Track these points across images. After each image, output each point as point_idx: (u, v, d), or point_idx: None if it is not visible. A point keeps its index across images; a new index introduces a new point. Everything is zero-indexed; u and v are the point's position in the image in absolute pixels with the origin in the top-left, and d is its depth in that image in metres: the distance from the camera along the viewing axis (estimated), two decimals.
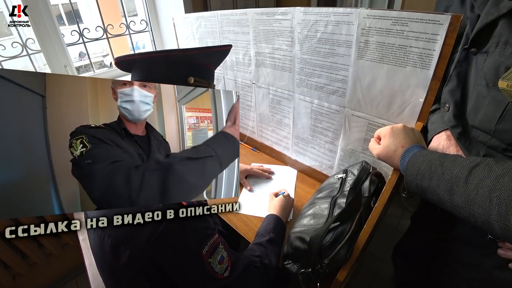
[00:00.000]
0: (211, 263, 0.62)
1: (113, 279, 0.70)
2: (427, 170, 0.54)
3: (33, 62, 1.43)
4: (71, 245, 1.55)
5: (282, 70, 1.09)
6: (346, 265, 0.69)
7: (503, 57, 0.51)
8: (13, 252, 1.34)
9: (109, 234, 0.63)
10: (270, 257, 0.79)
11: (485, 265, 0.67)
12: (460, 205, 0.47)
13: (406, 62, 0.74)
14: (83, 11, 3.40)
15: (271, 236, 0.85)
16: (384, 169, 0.93)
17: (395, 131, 0.67)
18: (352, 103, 0.92)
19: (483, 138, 0.59)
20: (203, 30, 1.36)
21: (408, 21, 0.69)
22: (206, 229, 0.64)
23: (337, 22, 0.83)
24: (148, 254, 0.59)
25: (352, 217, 0.74)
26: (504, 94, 0.51)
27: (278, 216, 0.93)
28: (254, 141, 1.46)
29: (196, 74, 0.68)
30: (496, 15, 0.53)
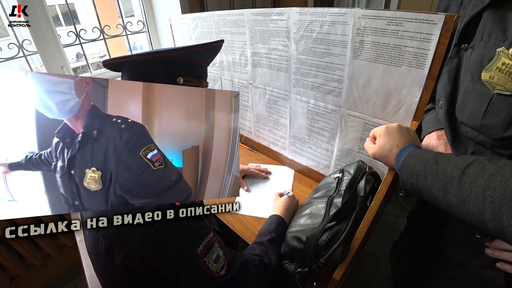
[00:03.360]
0: (206, 262, 0.63)
1: (109, 281, 0.70)
2: (421, 169, 0.54)
3: (30, 63, 1.43)
4: (68, 246, 1.54)
5: (279, 70, 1.09)
6: (342, 264, 0.69)
7: (486, 49, 0.51)
8: (11, 254, 1.34)
9: (103, 235, 0.63)
10: (270, 256, 0.79)
11: (474, 265, 0.68)
12: (454, 204, 0.48)
13: (401, 61, 0.74)
14: (80, 12, 3.40)
15: (273, 236, 0.85)
16: (380, 168, 0.93)
17: (390, 131, 0.67)
18: (348, 102, 0.93)
19: (471, 135, 0.58)
20: (200, 31, 1.36)
21: (403, 21, 0.70)
22: (201, 228, 0.64)
23: (332, 22, 0.84)
24: (142, 255, 0.59)
25: (348, 216, 0.74)
26: (487, 86, 0.51)
27: (281, 216, 0.92)
28: (251, 141, 1.46)
29: (185, 73, 0.67)
30: (480, 6, 0.53)
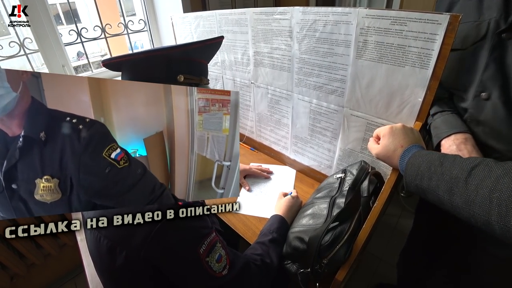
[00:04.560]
0: (208, 262, 0.62)
1: (111, 281, 0.70)
2: (426, 170, 0.54)
3: (31, 62, 1.42)
4: (69, 245, 1.54)
5: (281, 69, 1.09)
6: (345, 265, 0.69)
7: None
8: (11, 252, 1.34)
9: (105, 235, 0.63)
10: (272, 256, 0.79)
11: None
12: (460, 205, 0.47)
13: (405, 61, 0.74)
14: (81, 10, 3.39)
15: (274, 236, 0.85)
16: (383, 169, 0.93)
17: (394, 131, 0.67)
18: (350, 102, 0.92)
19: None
20: (202, 30, 1.35)
21: (407, 20, 0.69)
22: (203, 228, 0.64)
23: (335, 21, 0.83)
24: (144, 255, 0.58)
25: (351, 217, 0.74)
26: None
27: (283, 216, 0.92)
28: (252, 141, 1.46)
29: (185, 71, 0.66)
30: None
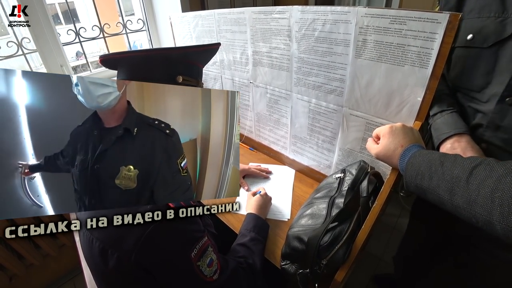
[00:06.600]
0: (200, 266, 0.62)
1: (104, 283, 0.69)
2: (426, 170, 0.54)
3: (29, 61, 1.42)
4: (68, 246, 1.54)
5: (280, 69, 1.08)
6: (345, 265, 0.69)
7: None
8: (10, 253, 1.33)
9: (97, 237, 0.62)
10: (254, 257, 0.80)
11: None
12: (461, 205, 0.47)
13: (404, 61, 0.73)
14: (79, 10, 3.39)
15: (252, 235, 0.86)
16: (382, 169, 0.92)
17: (394, 130, 0.67)
18: (350, 102, 0.92)
19: None
20: (200, 29, 1.35)
21: (406, 19, 0.69)
22: (195, 232, 0.63)
23: (334, 20, 0.83)
24: (136, 258, 0.57)
25: (350, 217, 0.73)
26: None
27: (257, 214, 0.93)
28: (251, 141, 1.45)
29: (183, 72, 0.67)
30: None
